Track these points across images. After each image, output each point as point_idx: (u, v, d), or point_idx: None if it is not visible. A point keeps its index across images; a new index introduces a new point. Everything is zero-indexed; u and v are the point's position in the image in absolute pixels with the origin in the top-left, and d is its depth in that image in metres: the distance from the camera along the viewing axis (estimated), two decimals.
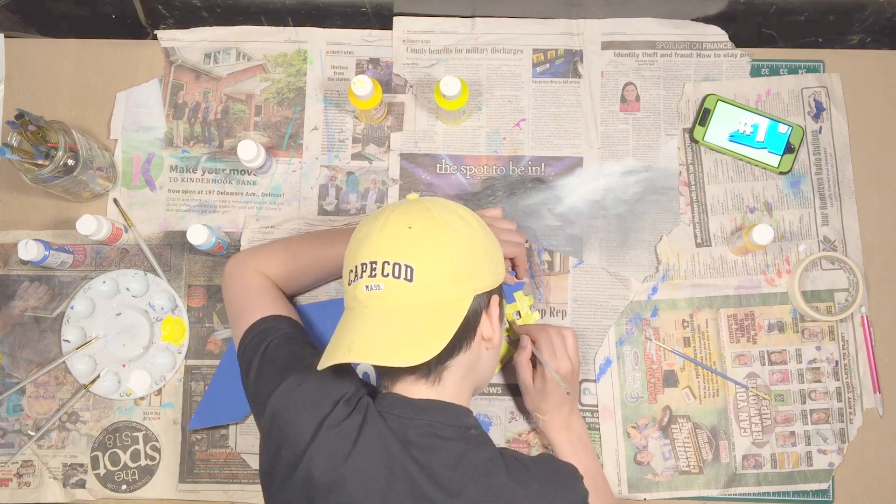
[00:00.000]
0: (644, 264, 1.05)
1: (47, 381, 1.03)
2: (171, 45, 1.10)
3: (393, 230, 0.76)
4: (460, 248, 0.76)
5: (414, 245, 0.75)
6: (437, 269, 0.75)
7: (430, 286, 0.75)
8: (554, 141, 1.08)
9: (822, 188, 1.06)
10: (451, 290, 0.76)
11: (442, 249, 0.75)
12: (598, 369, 1.03)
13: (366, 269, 0.75)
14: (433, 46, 1.10)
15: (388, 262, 0.74)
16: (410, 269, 0.74)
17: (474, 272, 0.78)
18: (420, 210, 0.78)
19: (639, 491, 1.01)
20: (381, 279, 0.74)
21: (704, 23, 1.09)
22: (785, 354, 1.03)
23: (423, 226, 0.76)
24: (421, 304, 0.75)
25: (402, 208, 0.78)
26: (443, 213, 0.78)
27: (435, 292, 0.75)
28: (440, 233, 0.76)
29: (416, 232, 0.76)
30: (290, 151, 1.08)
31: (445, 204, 0.81)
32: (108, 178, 1.05)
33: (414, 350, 0.73)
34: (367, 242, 0.76)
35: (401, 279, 0.74)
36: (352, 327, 0.76)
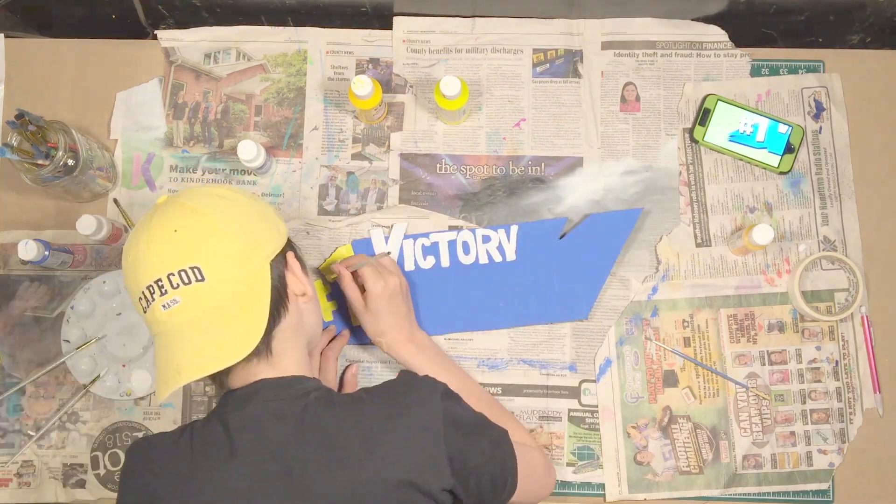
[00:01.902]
0: (644, 264, 1.05)
1: (47, 381, 1.03)
2: (171, 45, 1.10)
3: (160, 241, 0.74)
4: (233, 227, 0.76)
5: (188, 245, 0.74)
6: (223, 257, 0.74)
7: (224, 276, 0.74)
8: (554, 141, 1.08)
9: (822, 188, 1.06)
10: (246, 269, 0.75)
11: (216, 235, 0.74)
12: (598, 369, 1.03)
13: (154, 291, 0.73)
14: (433, 46, 1.10)
15: (172, 274, 0.73)
16: (198, 270, 0.73)
17: (258, 240, 0.77)
18: (176, 208, 0.76)
19: (639, 491, 1.01)
20: (173, 293, 0.73)
21: (704, 23, 1.09)
22: (785, 354, 1.03)
23: (187, 223, 0.75)
24: (224, 295, 0.74)
25: (158, 216, 0.76)
26: (200, 201, 0.77)
27: (232, 279, 0.74)
28: (205, 220, 0.75)
29: (184, 232, 0.74)
30: (290, 151, 1.08)
31: (199, 190, 0.80)
32: (108, 178, 1.05)
33: (239, 343, 0.73)
34: (141, 264, 0.74)
35: (192, 283, 0.73)
36: (170, 348, 0.74)
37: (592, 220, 1.04)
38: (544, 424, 1.02)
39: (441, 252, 1.04)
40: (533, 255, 1.04)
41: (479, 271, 1.04)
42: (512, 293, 1.03)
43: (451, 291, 1.03)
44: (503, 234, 1.04)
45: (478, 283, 1.03)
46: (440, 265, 1.04)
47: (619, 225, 1.04)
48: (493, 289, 1.03)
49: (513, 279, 1.03)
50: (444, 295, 1.03)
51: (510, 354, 1.03)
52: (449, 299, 1.03)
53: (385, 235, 1.04)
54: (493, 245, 1.04)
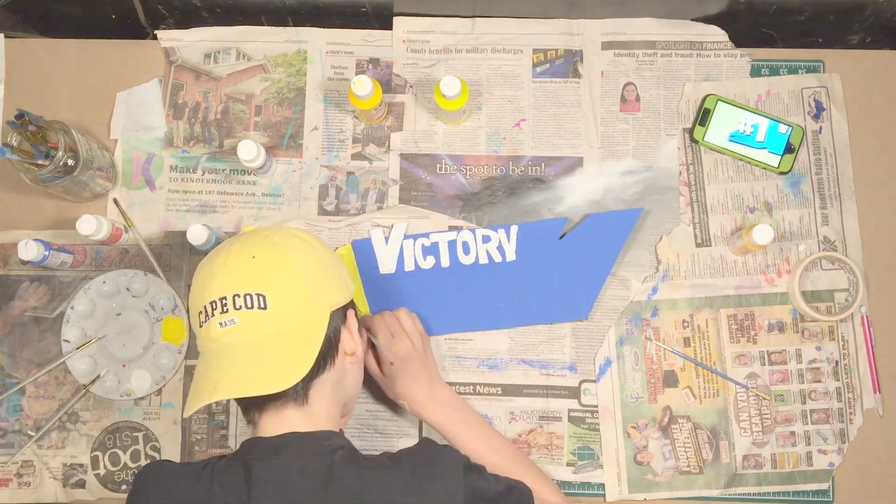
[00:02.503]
0: (644, 264, 1.05)
1: (47, 381, 1.03)
2: (171, 45, 1.10)
3: (236, 263, 0.76)
4: (308, 269, 0.77)
5: (261, 273, 0.75)
6: (289, 292, 0.75)
7: (284, 310, 0.75)
8: (554, 141, 1.08)
9: (822, 188, 1.06)
10: (307, 311, 0.76)
11: (290, 272, 0.76)
12: (598, 369, 1.03)
13: (216, 307, 0.74)
14: (433, 46, 1.10)
15: (238, 295, 0.74)
16: (262, 298, 0.74)
17: (326, 290, 0.79)
18: (260, 239, 0.78)
19: (639, 491, 1.01)
20: (234, 313, 0.74)
21: (704, 23, 1.09)
22: (785, 354, 1.03)
23: (266, 253, 0.77)
24: (279, 329, 0.75)
25: (241, 241, 0.79)
26: (284, 238, 0.79)
27: (291, 315, 0.75)
28: (284, 257, 0.77)
29: (261, 260, 0.76)
30: (290, 151, 1.08)
31: (284, 230, 0.82)
32: (108, 178, 1.05)
33: (280, 375, 0.73)
34: (213, 280, 0.76)
35: (254, 309, 0.74)
36: (213, 366, 0.75)
37: (592, 220, 1.04)
38: (544, 424, 1.02)
39: (441, 252, 1.04)
40: (533, 255, 1.04)
41: (479, 271, 1.04)
42: (512, 293, 1.03)
43: (451, 291, 1.03)
44: (503, 234, 1.04)
45: (478, 284, 1.03)
46: (440, 265, 1.04)
47: (619, 225, 1.04)
48: (493, 289, 1.03)
49: (513, 279, 1.03)
50: (444, 295, 1.03)
51: (510, 354, 1.03)
52: (449, 299, 1.03)
53: (385, 235, 1.04)
54: (493, 245, 1.04)
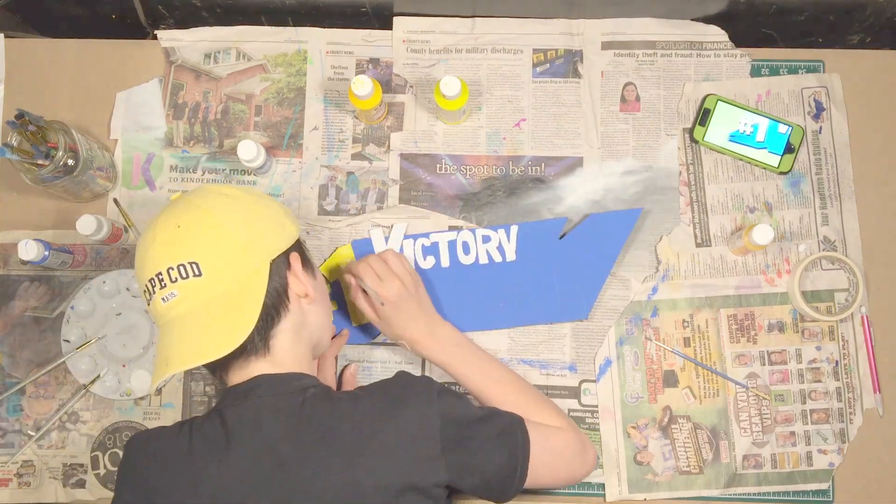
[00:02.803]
0: (644, 264, 1.05)
1: (47, 381, 1.03)
2: (171, 45, 1.10)
3: (163, 236, 0.77)
4: (234, 224, 0.77)
5: (188, 240, 0.76)
6: (221, 254, 0.76)
7: (221, 272, 0.75)
8: (554, 141, 1.08)
9: (822, 188, 1.06)
10: (243, 267, 0.77)
11: (216, 232, 0.76)
12: (598, 369, 1.03)
13: (155, 284, 0.76)
14: (433, 46, 1.10)
15: (171, 268, 0.75)
16: (195, 265, 0.75)
17: (259, 239, 0.78)
18: (183, 206, 0.79)
19: (639, 491, 1.01)
20: (171, 286, 0.75)
21: (704, 23, 1.09)
22: (785, 354, 1.03)
23: (190, 219, 0.77)
24: (220, 292, 0.75)
25: (166, 212, 0.79)
26: (206, 199, 0.79)
27: (228, 276, 0.76)
28: (208, 217, 0.77)
29: (186, 227, 0.77)
30: (290, 151, 1.08)
31: (207, 188, 0.82)
32: (108, 178, 1.05)
33: (225, 338, 0.74)
34: (146, 257, 0.77)
35: (190, 278, 0.75)
36: (164, 341, 0.77)
37: (592, 220, 1.04)
38: None
39: (441, 252, 1.04)
40: (533, 255, 1.04)
41: (479, 271, 1.04)
42: (512, 293, 1.03)
43: (451, 292, 1.03)
44: (503, 234, 1.04)
45: (478, 284, 1.03)
46: (440, 265, 1.04)
47: (619, 225, 1.04)
48: (493, 289, 1.03)
49: (513, 279, 1.03)
50: (445, 295, 1.03)
51: (510, 354, 1.03)
52: (449, 299, 1.03)
53: (385, 236, 1.04)
54: (493, 245, 1.04)
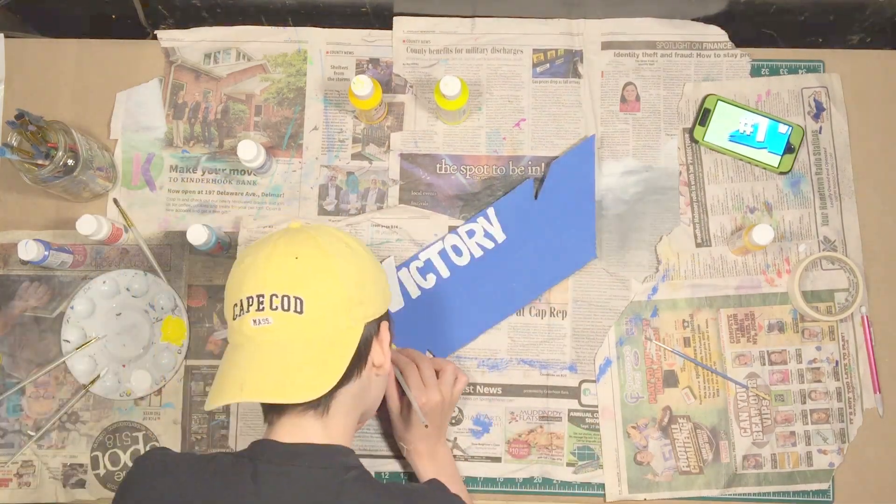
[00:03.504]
0: (644, 264, 1.05)
1: (47, 381, 1.03)
2: (171, 45, 1.10)
3: (279, 261, 0.74)
4: (349, 277, 0.75)
5: (302, 276, 0.74)
6: (327, 299, 0.74)
7: (320, 317, 0.73)
8: (554, 141, 1.08)
9: (822, 188, 1.06)
10: (342, 320, 0.74)
11: (331, 278, 0.74)
12: (598, 369, 1.03)
13: (252, 303, 0.73)
14: (433, 46, 1.10)
15: (276, 295, 0.72)
16: (300, 301, 0.72)
17: (364, 299, 0.77)
18: (305, 239, 0.76)
19: (639, 491, 1.01)
20: (269, 312, 0.72)
21: (704, 23, 1.09)
22: (785, 354, 1.03)
23: (310, 255, 0.75)
24: (312, 335, 0.73)
25: (287, 238, 0.77)
26: (329, 242, 0.77)
27: (326, 323, 0.74)
28: (328, 262, 0.75)
29: (304, 262, 0.74)
30: (290, 151, 1.08)
31: (331, 231, 0.80)
32: (108, 178, 1.05)
33: (307, 385, 0.72)
34: (252, 274, 0.74)
35: (290, 311, 0.72)
36: (240, 363, 0.73)
37: (556, 166, 1.05)
38: (544, 424, 1.02)
39: (437, 266, 1.04)
40: (520, 225, 1.04)
41: (480, 265, 1.04)
42: (519, 270, 1.03)
43: (464, 297, 1.03)
44: (484, 220, 1.04)
45: (484, 277, 1.03)
46: (441, 278, 1.04)
47: (581, 158, 1.05)
48: (500, 274, 1.03)
49: (513, 256, 1.03)
50: (460, 303, 1.03)
51: (510, 354, 1.03)
52: (465, 304, 1.03)
53: None
54: (480, 235, 1.04)
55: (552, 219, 1.04)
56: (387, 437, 1.01)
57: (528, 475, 1.01)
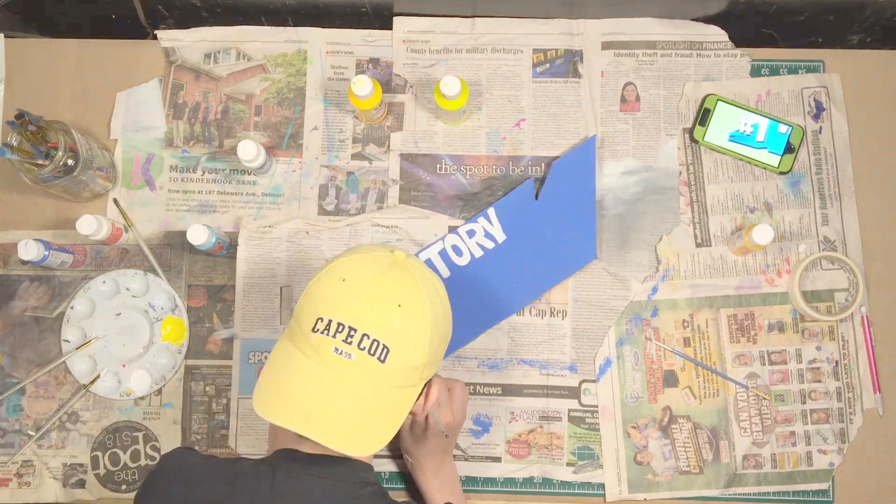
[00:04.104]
0: (644, 264, 1.05)
1: (47, 381, 1.03)
2: (171, 45, 1.10)
3: (382, 303, 0.73)
4: (435, 338, 0.75)
5: (399, 327, 0.73)
6: (411, 356, 0.73)
7: (398, 371, 0.73)
8: (554, 141, 1.08)
9: (822, 188, 1.06)
10: (413, 378, 0.75)
11: (421, 337, 0.74)
12: (598, 369, 1.03)
13: (341, 331, 0.71)
14: (433, 46, 1.10)
15: (367, 335, 0.71)
16: (387, 351, 0.71)
17: (433, 363, 0.76)
18: (409, 283, 0.75)
19: (639, 491, 1.01)
20: (355, 349, 0.71)
21: (704, 23, 1.09)
22: (785, 354, 1.03)
23: (412, 309, 0.74)
24: (384, 386, 0.73)
25: (398, 275, 0.75)
26: (430, 295, 0.76)
27: (400, 378, 0.74)
28: (423, 320, 0.74)
29: (405, 314, 0.73)
30: (290, 151, 1.08)
31: (429, 278, 0.78)
32: (108, 178, 1.05)
33: (364, 441, 0.72)
34: (353, 301, 0.73)
35: (374, 357, 0.71)
36: (309, 388, 0.72)
37: (557, 166, 1.05)
38: (544, 424, 1.02)
39: (437, 265, 1.04)
40: (520, 225, 1.04)
41: (480, 265, 1.04)
42: (519, 269, 1.03)
43: (465, 297, 1.03)
44: (484, 220, 1.04)
45: (484, 277, 1.03)
46: (442, 279, 1.03)
47: (582, 158, 1.05)
48: (501, 275, 1.03)
49: (513, 256, 1.03)
50: (461, 304, 1.02)
51: (510, 355, 1.03)
52: (467, 305, 1.02)
53: None
54: (481, 235, 1.04)
55: (553, 219, 1.04)
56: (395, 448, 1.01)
57: (528, 475, 1.01)
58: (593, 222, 1.04)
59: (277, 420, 0.71)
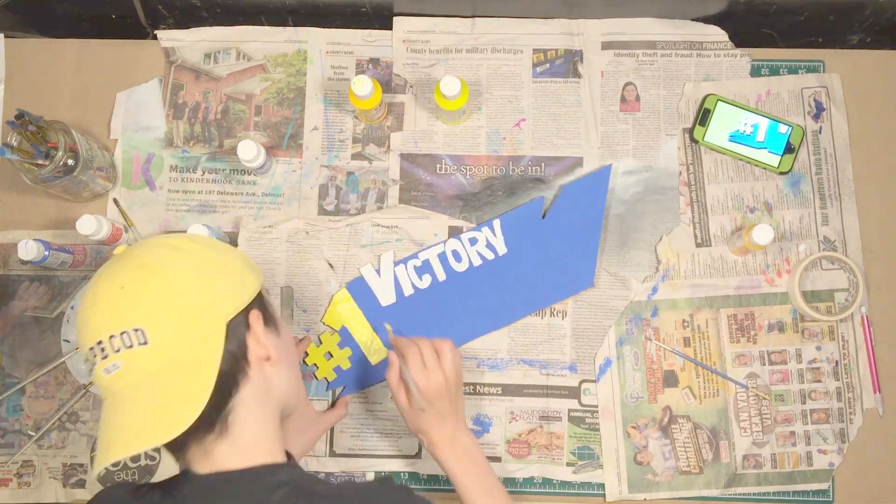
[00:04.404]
0: (644, 264, 1.05)
1: (47, 381, 1.03)
2: (171, 45, 1.10)
3: (105, 298, 0.67)
4: (186, 283, 0.68)
5: (133, 304, 0.66)
6: (170, 318, 0.66)
7: (170, 339, 0.66)
8: (554, 141, 1.08)
9: (822, 188, 1.06)
10: (196, 331, 0.67)
11: (165, 293, 0.66)
12: (598, 369, 1.03)
13: (96, 353, 0.66)
14: (433, 46, 1.10)
15: (114, 336, 0.65)
16: (141, 332, 0.65)
17: (215, 298, 0.68)
18: (128, 262, 0.69)
19: (639, 491, 1.01)
20: (114, 356, 0.65)
21: (704, 23, 1.09)
22: (785, 354, 1.03)
23: (134, 278, 0.67)
24: (169, 361, 0.66)
25: (109, 270, 0.69)
26: (153, 253, 0.69)
27: (179, 342, 0.66)
28: (155, 277, 0.67)
29: (130, 289, 0.67)
30: (290, 151, 1.08)
31: (156, 242, 0.72)
32: (108, 178, 1.05)
33: (175, 416, 0.64)
34: (87, 323, 0.67)
35: (135, 347, 0.65)
36: (107, 420, 0.66)
37: (568, 190, 1.04)
38: (544, 424, 1.02)
39: (434, 267, 1.04)
40: (523, 241, 1.04)
41: (477, 274, 1.03)
42: (514, 285, 1.03)
43: (456, 303, 1.03)
44: (488, 231, 1.04)
45: (479, 286, 1.03)
46: (437, 280, 1.03)
47: (595, 186, 1.04)
48: (495, 287, 1.03)
49: (511, 271, 1.03)
50: (451, 309, 1.03)
51: (510, 354, 1.03)
52: (456, 311, 1.03)
53: (375, 268, 1.04)
54: (482, 244, 1.04)
55: (556, 241, 1.03)
56: (386, 437, 1.01)
57: (528, 475, 1.01)
58: (595, 251, 1.03)
59: (94, 469, 0.69)
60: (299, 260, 1.05)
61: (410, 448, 1.02)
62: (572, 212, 1.04)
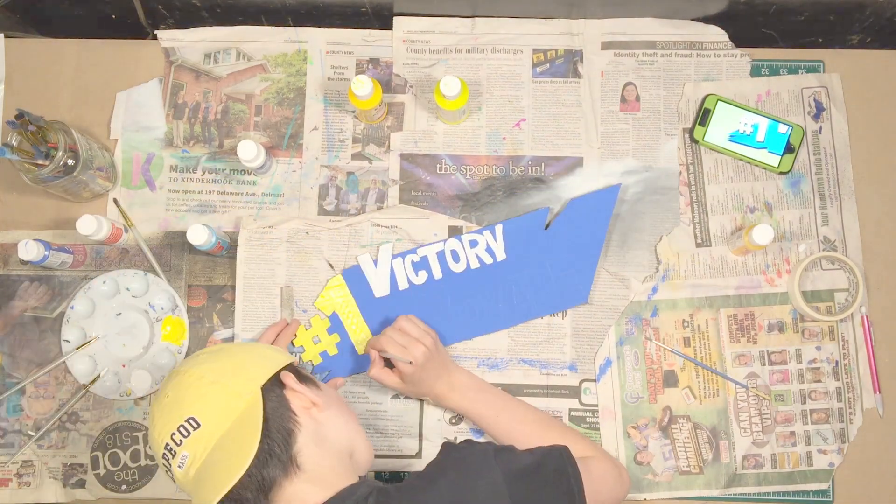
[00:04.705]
0: (644, 264, 1.05)
1: (47, 381, 1.03)
2: (171, 45, 1.10)
3: (158, 410, 0.78)
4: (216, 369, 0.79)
5: (180, 402, 0.77)
6: (211, 398, 0.77)
7: (218, 415, 0.76)
8: (554, 141, 1.08)
9: (822, 188, 1.06)
10: (236, 400, 0.77)
11: (201, 383, 0.77)
12: (598, 369, 1.03)
13: (167, 457, 0.76)
14: (433, 46, 1.10)
15: (174, 433, 0.76)
16: (193, 419, 0.76)
17: (248, 374, 0.79)
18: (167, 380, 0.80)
19: (639, 491, 1.01)
20: (180, 449, 0.75)
21: (704, 23, 1.10)
22: (785, 354, 1.03)
23: (174, 384, 0.79)
24: (224, 433, 0.76)
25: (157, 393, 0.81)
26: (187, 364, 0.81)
27: (226, 414, 0.76)
28: (189, 375, 0.78)
29: (175, 394, 0.78)
30: (290, 151, 1.08)
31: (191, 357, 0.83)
32: (108, 178, 1.05)
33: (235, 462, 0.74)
34: (154, 439, 0.78)
35: (192, 434, 0.75)
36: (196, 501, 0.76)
37: (574, 204, 1.04)
38: None
39: (431, 265, 1.04)
40: (522, 250, 1.04)
41: (473, 276, 1.03)
42: (509, 291, 1.03)
43: (449, 303, 1.03)
44: (489, 235, 1.04)
45: (474, 289, 1.03)
46: (433, 278, 1.03)
47: (601, 204, 1.04)
48: (490, 291, 1.03)
49: (507, 277, 1.03)
50: (443, 307, 1.03)
51: (510, 354, 1.03)
52: (448, 311, 1.03)
53: (373, 258, 1.04)
54: (482, 248, 1.04)
55: (555, 253, 1.03)
56: (387, 437, 1.02)
57: None
58: (593, 268, 1.03)
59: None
60: (299, 260, 1.05)
61: (410, 448, 1.02)
62: (576, 227, 1.03)
